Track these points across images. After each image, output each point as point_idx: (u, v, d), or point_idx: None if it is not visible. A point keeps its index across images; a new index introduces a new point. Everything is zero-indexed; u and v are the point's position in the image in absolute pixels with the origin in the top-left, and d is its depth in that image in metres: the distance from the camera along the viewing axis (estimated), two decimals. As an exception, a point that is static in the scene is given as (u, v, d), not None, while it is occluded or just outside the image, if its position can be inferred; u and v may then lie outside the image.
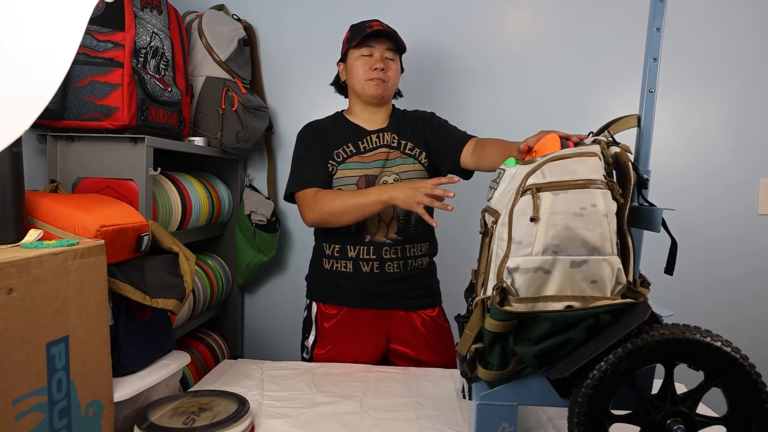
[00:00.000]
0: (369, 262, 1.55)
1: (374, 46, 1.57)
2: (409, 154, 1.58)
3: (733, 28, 2.06)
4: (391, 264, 1.55)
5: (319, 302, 1.62)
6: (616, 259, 0.84)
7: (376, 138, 1.59)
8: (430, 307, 1.62)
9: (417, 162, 1.58)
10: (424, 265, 1.61)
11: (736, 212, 2.10)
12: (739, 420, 0.80)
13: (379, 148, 1.58)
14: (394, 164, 1.56)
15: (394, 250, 1.55)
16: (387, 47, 1.57)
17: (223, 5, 2.14)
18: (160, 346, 1.18)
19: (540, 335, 0.84)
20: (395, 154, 1.58)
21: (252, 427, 1.06)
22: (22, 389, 0.75)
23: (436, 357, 1.58)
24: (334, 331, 1.58)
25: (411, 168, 1.57)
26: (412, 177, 1.55)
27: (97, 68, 1.41)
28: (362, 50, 1.57)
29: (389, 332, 1.59)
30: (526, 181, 0.87)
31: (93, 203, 1.12)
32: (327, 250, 1.60)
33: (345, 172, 1.55)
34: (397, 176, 1.55)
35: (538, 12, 2.15)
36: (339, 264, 1.58)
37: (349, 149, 1.57)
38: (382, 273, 1.55)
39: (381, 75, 1.55)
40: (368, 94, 1.58)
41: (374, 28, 1.55)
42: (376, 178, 1.54)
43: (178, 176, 1.79)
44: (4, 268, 0.72)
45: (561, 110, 2.12)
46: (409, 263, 1.57)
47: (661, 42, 0.99)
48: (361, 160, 1.56)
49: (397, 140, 1.59)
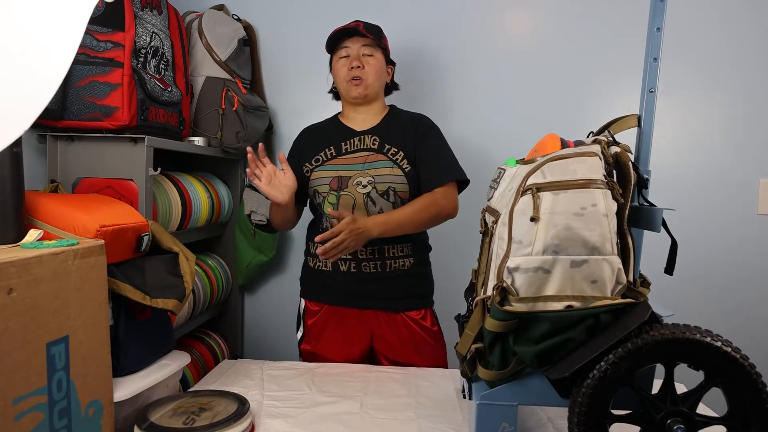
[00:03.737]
0: (346, 261, 1.55)
1: (349, 45, 1.59)
2: (390, 158, 1.55)
3: (733, 28, 2.06)
4: (367, 264, 1.55)
5: (306, 299, 1.66)
6: (617, 258, 0.84)
7: (358, 140, 1.59)
8: (415, 309, 1.60)
9: (397, 167, 1.54)
10: (406, 266, 1.58)
11: (737, 212, 2.10)
12: (739, 420, 0.80)
13: (359, 150, 1.58)
14: (373, 167, 1.54)
15: (370, 250, 1.54)
16: (362, 44, 1.58)
17: (223, 5, 2.14)
18: (160, 346, 1.18)
19: (540, 335, 0.84)
20: (375, 157, 1.56)
21: (252, 427, 1.06)
22: (22, 389, 0.75)
23: (423, 361, 1.56)
24: (318, 328, 1.61)
25: (389, 172, 1.53)
26: (388, 181, 1.52)
27: (97, 68, 1.41)
28: (340, 52, 1.60)
29: (373, 332, 1.60)
30: (526, 181, 0.87)
31: (93, 203, 1.12)
32: (312, 249, 1.62)
33: (319, 174, 1.57)
34: (372, 178, 1.52)
35: (537, 12, 2.15)
36: (321, 263, 1.60)
37: (330, 152, 1.59)
38: (359, 272, 1.55)
39: (358, 72, 1.57)
40: (351, 96, 1.60)
41: (345, 27, 1.57)
42: (349, 179, 1.53)
43: (178, 176, 1.79)
44: (4, 268, 0.72)
45: (561, 110, 2.12)
46: (387, 264, 1.56)
47: (661, 42, 0.99)
48: (340, 162, 1.57)
49: (379, 142, 1.57)
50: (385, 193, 1.52)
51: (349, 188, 1.53)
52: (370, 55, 1.59)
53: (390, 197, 1.53)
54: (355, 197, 1.52)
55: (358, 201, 1.52)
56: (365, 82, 1.58)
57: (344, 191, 1.53)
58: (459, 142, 2.13)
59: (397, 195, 1.53)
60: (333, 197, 1.54)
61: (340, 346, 1.59)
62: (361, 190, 1.52)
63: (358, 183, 1.52)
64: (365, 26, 1.58)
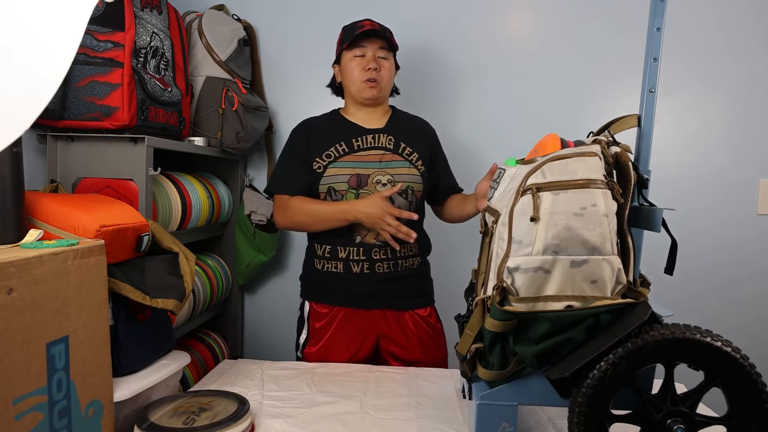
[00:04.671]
0: (359, 262, 1.55)
1: (366, 45, 1.57)
2: (406, 158, 1.58)
3: (733, 28, 2.06)
4: (381, 264, 1.55)
5: (311, 301, 1.64)
6: (617, 258, 0.84)
7: (371, 138, 1.59)
8: (421, 307, 1.62)
9: (413, 167, 1.57)
10: (415, 265, 1.60)
11: (737, 212, 2.10)
12: (739, 420, 0.80)
13: (374, 149, 1.58)
14: (390, 166, 1.56)
15: (384, 251, 1.55)
16: (379, 46, 1.58)
17: (223, 5, 2.14)
18: (160, 346, 1.18)
19: (540, 335, 0.84)
20: (390, 157, 1.57)
21: (252, 427, 1.06)
22: (22, 389, 0.75)
23: (427, 357, 1.58)
24: (325, 330, 1.60)
25: (407, 171, 1.56)
26: (408, 181, 1.55)
27: (97, 68, 1.41)
28: (355, 51, 1.58)
29: (380, 332, 1.60)
30: (526, 181, 0.87)
31: (93, 203, 1.12)
32: (318, 251, 1.61)
33: (336, 170, 1.54)
34: (391, 177, 1.54)
35: (537, 12, 2.15)
36: (330, 264, 1.59)
37: (341, 148, 1.57)
38: (373, 273, 1.55)
39: (374, 75, 1.56)
40: (364, 97, 1.59)
41: (365, 28, 1.55)
42: (368, 177, 1.54)
43: (178, 176, 1.79)
44: (4, 268, 0.72)
45: (561, 110, 2.12)
46: (399, 263, 1.57)
47: (661, 42, 0.99)
48: (354, 159, 1.56)
49: (394, 142, 1.59)
50: (403, 192, 1.55)
51: (368, 186, 1.53)
52: (384, 58, 1.59)
53: (408, 196, 1.56)
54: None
55: None
56: (380, 85, 1.58)
57: (363, 189, 1.53)
58: (459, 142, 2.14)
59: (414, 194, 1.57)
60: (352, 195, 1.53)
61: (346, 348, 1.58)
62: (381, 188, 1.53)
63: (377, 181, 1.53)
64: (381, 27, 1.58)
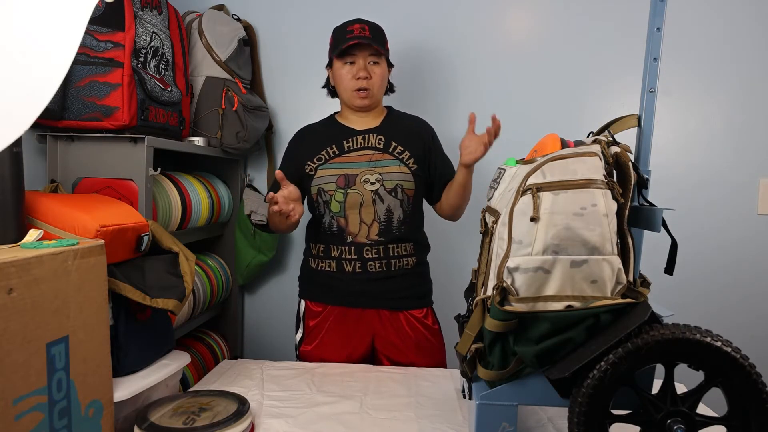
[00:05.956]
0: (351, 261, 1.56)
1: (356, 54, 1.57)
2: (396, 157, 1.58)
3: (733, 28, 2.06)
4: (373, 263, 1.56)
5: (306, 300, 1.65)
6: (617, 258, 0.84)
7: (361, 138, 1.60)
8: (417, 308, 1.62)
9: (404, 165, 1.57)
10: (409, 265, 1.60)
11: (736, 212, 2.10)
12: (739, 420, 0.80)
13: (363, 149, 1.58)
14: (379, 165, 1.56)
15: (376, 250, 1.55)
16: (370, 52, 1.58)
17: (223, 5, 2.14)
18: (160, 346, 1.18)
19: (540, 335, 0.84)
20: (380, 156, 1.57)
21: (252, 427, 1.06)
22: (22, 389, 0.75)
23: (422, 359, 1.57)
24: (319, 329, 1.61)
25: (397, 170, 1.56)
26: (396, 179, 1.55)
27: (97, 68, 1.41)
28: (345, 58, 1.58)
29: (374, 332, 1.60)
30: (526, 181, 0.87)
31: (93, 203, 1.12)
32: (313, 250, 1.63)
33: (325, 172, 1.57)
34: (380, 176, 1.54)
35: (537, 12, 2.15)
36: (324, 263, 1.60)
37: (332, 151, 1.59)
38: (365, 272, 1.56)
39: (365, 84, 1.56)
40: (355, 105, 1.60)
41: (355, 33, 1.55)
42: (357, 176, 1.54)
43: (178, 176, 1.79)
44: (4, 268, 0.72)
45: (561, 110, 2.12)
46: (392, 263, 1.57)
47: (661, 42, 0.99)
48: (344, 160, 1.57)
49: (384, 142, 1.59)
50: (393, 190, 1.55)
51: (356, 185, 1.54)
52: (376, 63, 1.59)
53: (398, 194, 1.55)
54: (363, 195, 1.53)
55: (366, 198, 1.53)
56: (371, 93, 1.58)
57: (351, 189, 1.54)
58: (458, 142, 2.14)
59: (405, 192, 1.56)
60: (340, 195, 1.54)
61: (341, 347, 1.59)
62: (369, 187, 1.53)
63: (365, 180, 1.54)
64: (371, 31, 1.57)
